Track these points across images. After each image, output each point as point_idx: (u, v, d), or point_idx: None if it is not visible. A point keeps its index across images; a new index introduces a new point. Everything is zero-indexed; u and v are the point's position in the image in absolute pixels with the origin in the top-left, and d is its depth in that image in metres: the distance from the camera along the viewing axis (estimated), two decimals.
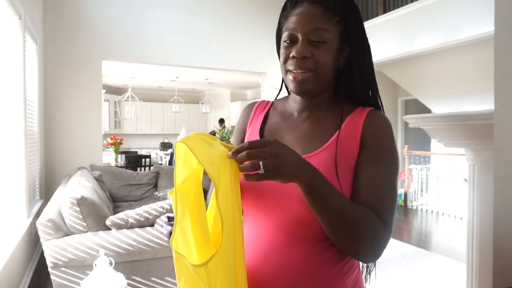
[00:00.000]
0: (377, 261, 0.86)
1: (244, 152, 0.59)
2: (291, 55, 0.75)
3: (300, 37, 0.74)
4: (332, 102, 0.81)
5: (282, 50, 0.78)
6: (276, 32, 0.84)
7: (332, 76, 0.78)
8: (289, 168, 0.59)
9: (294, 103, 0.84)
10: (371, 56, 0.81)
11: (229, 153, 0.61)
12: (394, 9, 4.85)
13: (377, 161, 0.72)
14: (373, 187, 0.71)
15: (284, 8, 0.80)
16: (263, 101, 0.92)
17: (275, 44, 0.86)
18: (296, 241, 0.72)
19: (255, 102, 0.93)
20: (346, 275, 0.75)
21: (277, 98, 0.92)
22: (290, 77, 0.76)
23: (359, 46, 0.77)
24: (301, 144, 0.78)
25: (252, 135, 0.86)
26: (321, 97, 0.80)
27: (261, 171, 0.58)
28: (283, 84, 0.88)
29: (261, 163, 0.58)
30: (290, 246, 0.72)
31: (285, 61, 0.77)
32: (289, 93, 0.88)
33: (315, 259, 0.72)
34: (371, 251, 0.68)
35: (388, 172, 0.72)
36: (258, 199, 0.76)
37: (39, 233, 2.29)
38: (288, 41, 0.76)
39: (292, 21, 0.75)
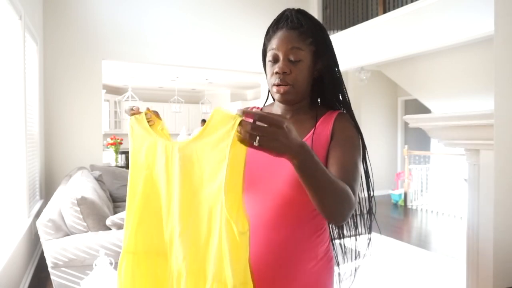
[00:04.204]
0: (377, 261, 1.03)
1: (251, 123, 0.65)
2: (274, 71, 0.93)
3: (281, 56, 0.92)
4: (309, 107, 1.01)
5: (268, 68, 0.96)
6: (262, 52, 1.03)
7: (308, 86, 0.97)
8: (280, 151, 0.67)
9: (279, 108, 1.02)
10: (339, 68, 0.99)
11: (240, 111, 0.68)
12: (394, 9, 4.84)
13: (343, 147, 0.91)
14: (342, 166, 0.87)
15: (267, 32, 0.98)
16: (254, 107, 1.10)
17: (262, 62, 1.04)
18: (282, 217, 0.91)
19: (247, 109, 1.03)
20: (319, 245, 0.95)
21: (265, 105, 1.11)
22: (274, 89, 0.94)
23: (328, 62, 0.96)
24: None
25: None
26: (300, 104, 0.99)
27: (256, 143, 0.65)
28: (269, 94, 1.08)
29: (258, 137, 0.65)
30: (277, 221, 0.91)
31: (271, 77, 0.95)
32: (274, 100, 1.06)
33: (296, 231, 0.92)
34: (346, 213, 0.81)
35: (352, 154, 0.90)
36: (254, 184, 0.92)
37: (39, 233, 2.29)
38: (271, 60, 0.94)
39: (274, 42, 0.93)
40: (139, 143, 0.86)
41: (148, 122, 0.87)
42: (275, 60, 0.93)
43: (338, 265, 1.07)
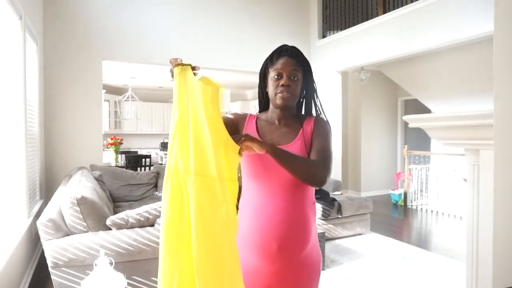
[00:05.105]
0: (378, 260, 1.12)
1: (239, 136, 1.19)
2: (280, 84, 1.32)
3: (285, 74, 1.33)
4: (294, 115, 1.41)
5: (272, 82, 1.35)
6: (261, 71, 1.42)
7: (297, 99, 1.39)
8: (260, 145, 1.17)
9: (274, 113, 1.41)
10: (316, 90, 1.43)
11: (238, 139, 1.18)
12: (394, 9, 4.85)
13: (320, 138, 1.34)
14: (318, 150, 1.31)
15: (271, 57, 1.37)
16: (251, 114, 1.47)
17: (259, 79, 1.44)
18: (293, 192, 1.30)
19: (246, 114, 1.49)
20: (315, 213, 1.39)
21: (259, 112, 1.49)
22: (279, 96, 1.33)
23: (311, 85, 1.40)
24: (283, 138, 1.36)
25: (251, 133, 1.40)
26: (290, 111, 1.40)
27: (241, 145, 1.17)
28: (262, 103, 1.46)
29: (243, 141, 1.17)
30: (290, 196, 1.30)
31: (276, 87, 1.33)
32: (264, 110, 1.45)
33: (302, 204, 1.32)
34: (318, 177, 1.22)
35: (325, 142, 1.33)
36: (269, 172, 1.30)
37: (39, 233, 2.29)
38: (277, 76, 1.34)
39: (279, 64, 1.34)
40: (186, 91, 1.14)
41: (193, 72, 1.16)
42: (280, 76, 1.33)
43: None
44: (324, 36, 6.18)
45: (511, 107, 1.49)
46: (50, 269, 2.26)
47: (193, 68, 1.19)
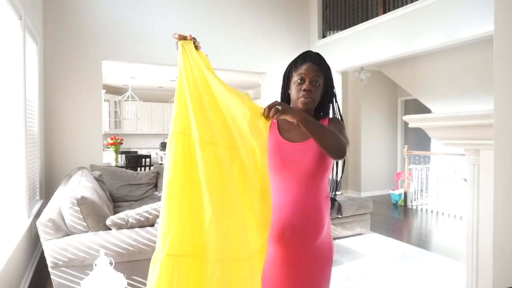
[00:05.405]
0: (378, 260, 1.13)
1: (273, 103, 1.24)
2: (302, 88, 1.43)
3: (307, 79, 1.43)
4: (312, 115, 1.49)
5: (295, 86, 1.45)
6: (285, 74, 1.53)
7: (317, 102, 1.49)
8: (292, 112, 1.22)
9: None
10: (336, 94, 1.54)
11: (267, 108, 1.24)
12: (394, 9, 4.85)
13: (334, 127, 1.40)
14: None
15: (295, 62, 1.48)
16: None
17: (282, 81, 1.54)
18: (310, 185, 1.39)
19: None
20: (328, 207, 1.48)
21: None
22: (301, 100, 1.43)
23: (330, 89, 1.51)
24: (301, 136, 1.44)
25: (272, 131, 1.49)
26: (309, 113, 1.46)
27: (278, 113, 1.21)
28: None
29: (278, 107, 1.21)
30: (307, 188, 1.39)
31: (298, 91, 1.44)
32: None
33: (316, 196, 1.41)
34: (341, 148, 1.28)
35: (340, 130, 1.41)
36: (288, 165, 1.40)
37: (39, 233, 2.29)
38: (300, 81, 1.44)
39: (303, 69, 1.44)
40: (191, 64, 1.19)
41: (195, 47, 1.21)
42: (302, 81, 1.43)
43: None
44: (324, 36, 6.18)
45: (511, 107, 1.49)
46: (50, 269, 2.26)
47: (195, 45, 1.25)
